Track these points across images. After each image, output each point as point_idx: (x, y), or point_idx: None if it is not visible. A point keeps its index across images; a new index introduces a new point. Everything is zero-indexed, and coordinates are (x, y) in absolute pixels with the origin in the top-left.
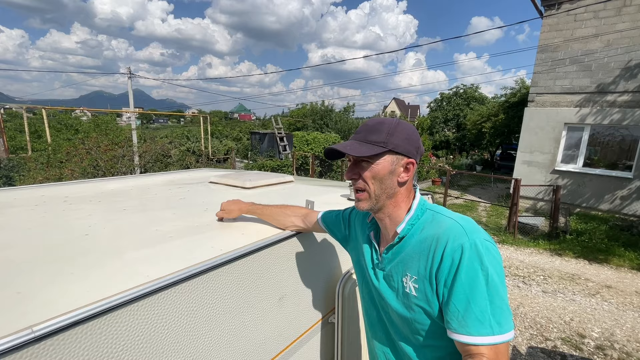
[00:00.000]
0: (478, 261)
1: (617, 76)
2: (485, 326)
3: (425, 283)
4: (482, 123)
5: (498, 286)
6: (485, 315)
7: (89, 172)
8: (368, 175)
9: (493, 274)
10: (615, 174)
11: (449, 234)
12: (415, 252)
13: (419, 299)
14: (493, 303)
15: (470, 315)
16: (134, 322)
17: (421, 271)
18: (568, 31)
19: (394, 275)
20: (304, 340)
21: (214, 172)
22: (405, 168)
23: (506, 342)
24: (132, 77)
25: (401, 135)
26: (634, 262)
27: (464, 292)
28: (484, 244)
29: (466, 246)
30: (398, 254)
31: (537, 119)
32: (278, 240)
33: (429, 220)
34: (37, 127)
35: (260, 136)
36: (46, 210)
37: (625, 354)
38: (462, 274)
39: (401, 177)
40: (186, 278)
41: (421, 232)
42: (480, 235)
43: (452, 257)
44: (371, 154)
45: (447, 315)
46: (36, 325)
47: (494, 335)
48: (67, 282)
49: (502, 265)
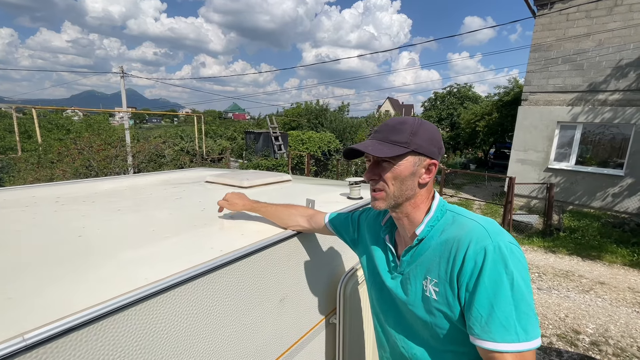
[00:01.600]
0: (502, 264)
1: (609, 75)
2: (510, 332)
3: (446, 286)
4: (476, 122)
5: (524, 291)
6: (510, 321)
7: (81, 173)
8: (389, 177)
9: (518, 278)
10: (607, 172)
11: (472, 236)
12: (435, 255)
13: (439, 302)
14: (518, 308)
15: (494, 320)
16: (132, 327)
17: (442, 274)
18: (560, 30)
19: (413, 279)
20: (306, 342)
21: (209, 171)
22: (427, 169)
23: (532, 350)
24: (124, 76)
25: (424, 136)
26: (626, 258)
27: (488, 296)
28: (508, 247)
29: (489, 249)
30: (417, 256)
31: (531, 118)
32: (278, 241)
33: (450, 221)
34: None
35: (255, 135)
36: (37, 211)
37: (619, 350)
38: (486, 278)
39: (422, 178)
40: (185, 280)
41: (441, 234)
42: (505, 238)
43: (475, 260)
44: (394, 155)
45: (469, 320)
46: (28, 332)
47: (520, 343)
48: (60, 286)
49: (528, 269)
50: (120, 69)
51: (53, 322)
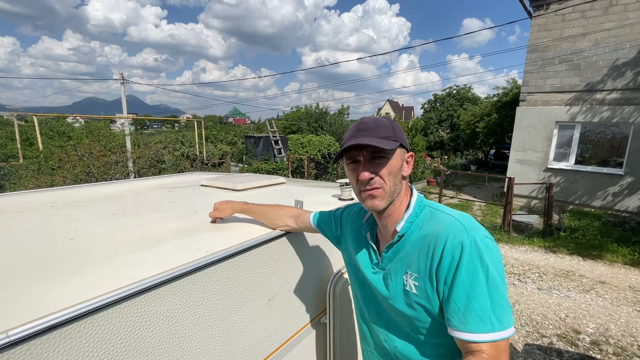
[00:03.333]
0: (478, 258)
1: (606, 75)
2: (486, 323)
3: (425, 281)
4: (476, 123)
5: (498, 283)
6: (485, 312)
7: (81, 179)
8: (385, 172)
9: (493, 271)
10: (607, 171)
11: (449, 231)
12: (414, 250)
13: (419, 296)
14: (493, 300)
15: (470, 312)
16: (116, 325)
17: (421, 269)
18: (557, 31)
19: (394, 274)
20: (295, 342)
21: (205, 175)
22: (407, 162)
23: (506, 339)
24: (125, 83)
25: (401, 130)
26: (627, 257)
27: (464, 289)
28: (483, 241)
29: (466, 243)
30: (398, 252)
31: (529, 118)
32: (266, 241)
33: (428, 217)
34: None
35: (255, 140)
36: (32, 216)
37: (620, 349)
38: (463, 271)
39: (405, 170)
40: (170, 280)
41: (420, 229)
42: (480, 232)
43: (452, 254)
44: (392, 148)
45: (447, 312)
46: (12, 329)
47: (495, 332)
48: (48, 287)
49: (502, 262)
50: (121, 76)
51: (36, 319)
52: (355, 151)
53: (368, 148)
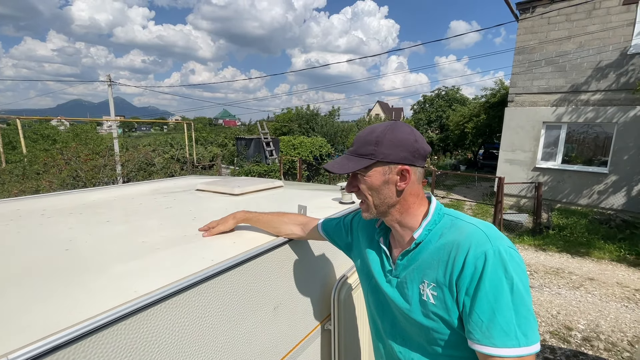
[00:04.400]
0: (502, 269)
1: (590, 76)
2: (511, 337)
3: (444, 291)
4: (465, 123)
5: (523, 295)
6: (510, 326)
7: (68, 184)
8: (364, 188)
9: (518, 283)
10: (592, 170)
11: (471, 240)
12: (433, 259)
13: (437, 307)
14: (518, 313)
15: (494, 325)
16: (121, 343)
17: (440, 278)
18: (543, 33)
19: (409, 283)
20: (301, 349)
21: (200, 179)
22: (401, 175)
23: (532, 355)
24: (112, 84)
25: (391, 143)
26: (614, 254)
27: (488, 301)
28: (508, 252)
29: (490, 253)
30: (414, 260)
31: (517, 119)
32: (270, 248)
33: (448, 225)
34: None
35: (246, 142)
36: (22, 225)
37: (610, 344)
38: (486, 283)
39: (399, 185)
40: (176, 292)
41: (440, 238)
42: (504, 242)
43: (475, 264)
44: (358, 168)
45: (469, 325)
46: (12, 353)
47: (520, 347)
48: (47, 303)
49: (527, 273)
50: (108, 78)
51: (38, 340)
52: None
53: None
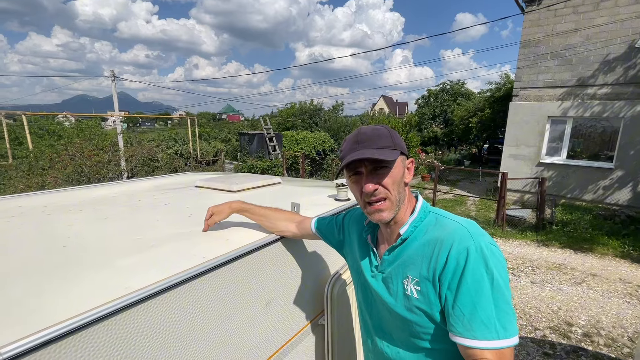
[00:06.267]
0: (484, 265)
1: (597, 70)
2: (491, 330)
3: (427, 285)
4: (469, 118)
5: (503, 290)
6: (490, 319)
7: (73, 179)
8: (389, 182)
9: (498, 278)
10: (598, 165)
11: (454, 236)
12: (417, 255)
13: (420, 301)
14: (498, 307)
15: (475, 319)
16: (112, 337)
17: (423, 273)
18: (549, 26)
19: (394, 278)
20: (294, 344)
21: (200, 175)
22: (407, 168)
23: (511, 347)
24: (116, 80)
25: (399, 137)
26: (617, 250)
27: (470, 295)
28: (489, 247)
29: (472, 249)
30: (399, 256)
31: (522, 113)
32: (263, 245)
33: (433, 223)
34: (17, 134)
35: (250, 137)
36: (23, 221)
37: (611, 340)
38: (468, 277)
39: (407, 177)
40: (167, 289)
41: (424, 234)
42: (486, 239)
43: (457, 260)
44: (394, 158)
45: (451, 318)
46: (4, 347)
47: (499, 340)
48: (39, 299)
49: (507, 268)
50: (112, 73)
51: (29, 335)
52: (357, 163)
53: (371, 160)
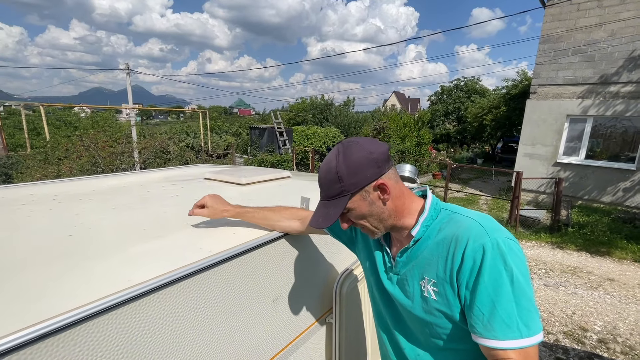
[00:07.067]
0: (501, 261)
1: (621, 67)
2: (513, 329)
3: (445, 286)
4: (483, 116)
5: (524, 286)
6: (512, 318)
7: (87, 169)
8: (356, 218)
9: (518, 274)
10: (618, 166)
11: (469, 233)
12: (433, 255)
13: (439, 302)
14: (519, 304)
15: (496, 318)
16: (113, 331)
17: (440, 274)
18: (571, 21)
19: (410, 279)
20: (301, 342)
21: (210, 167)
22: (381, 189)
23: (535, 345)
24: (130, 73)
25: (351, 171)
26: (637, 254)
27: (488, 294)
28: (506, 243)
29: (488, 246)
30: (414, 257)
31: (539, 111)
32: (271, 240)
33: (446, 220)
34: (35, 125)
35: (260, 131)
36: (33, 209)
37: (628, 348)
38: (485, 276)
39: (383, 199)
40: (171, 282)
41: (438, 233)
42: (502, 234)
43: (474, 257)
44: (341, 210)
45: (470, 318)
46: (2, 338)
47: (522, 339)
48: (40, 290)
49: (527, 264)
50: (126, 66)
51: (27, 327)
52: None
53: None
